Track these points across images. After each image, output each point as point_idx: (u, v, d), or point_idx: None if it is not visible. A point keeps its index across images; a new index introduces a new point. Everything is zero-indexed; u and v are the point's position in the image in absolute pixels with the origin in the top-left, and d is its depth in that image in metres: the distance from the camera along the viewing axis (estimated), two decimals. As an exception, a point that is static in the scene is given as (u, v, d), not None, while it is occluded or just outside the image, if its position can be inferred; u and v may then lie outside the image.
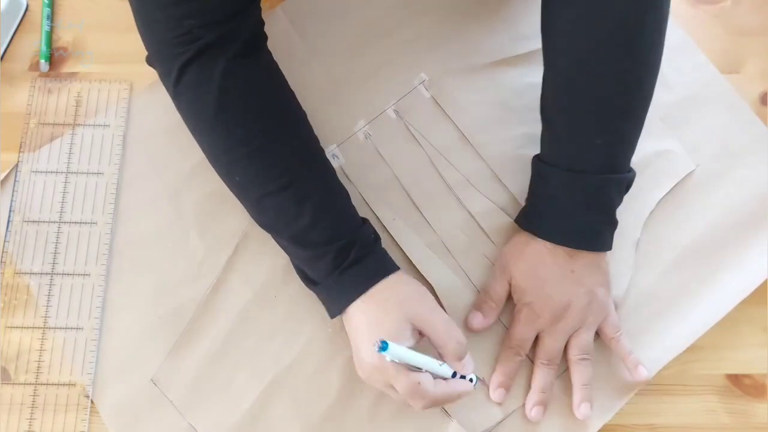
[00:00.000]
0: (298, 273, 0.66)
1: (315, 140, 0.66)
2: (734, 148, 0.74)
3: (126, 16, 0.77)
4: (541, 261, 0.67)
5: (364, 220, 0.65)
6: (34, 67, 0.75)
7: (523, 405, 0.66)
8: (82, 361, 0.67)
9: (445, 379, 0.61)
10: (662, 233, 0.72)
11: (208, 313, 0.68)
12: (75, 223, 0.70)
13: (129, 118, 0.74)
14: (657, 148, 0.73)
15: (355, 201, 0.69)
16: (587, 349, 0.67)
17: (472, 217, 0.71)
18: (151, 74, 0.72)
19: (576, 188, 0.66)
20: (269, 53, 0.68)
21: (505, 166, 0.73)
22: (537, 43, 0.75)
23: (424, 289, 0.64)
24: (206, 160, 0.69)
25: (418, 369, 0.59)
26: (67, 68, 0.75)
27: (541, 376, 0.66)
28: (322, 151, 0.66)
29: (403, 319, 0.61)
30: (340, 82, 0.74)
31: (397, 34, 0.77)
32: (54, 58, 0.76)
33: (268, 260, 0.69)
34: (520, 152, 0.73)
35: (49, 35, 0.76)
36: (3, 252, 0.69)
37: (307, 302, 0.68)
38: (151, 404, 0.66)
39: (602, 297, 0.67)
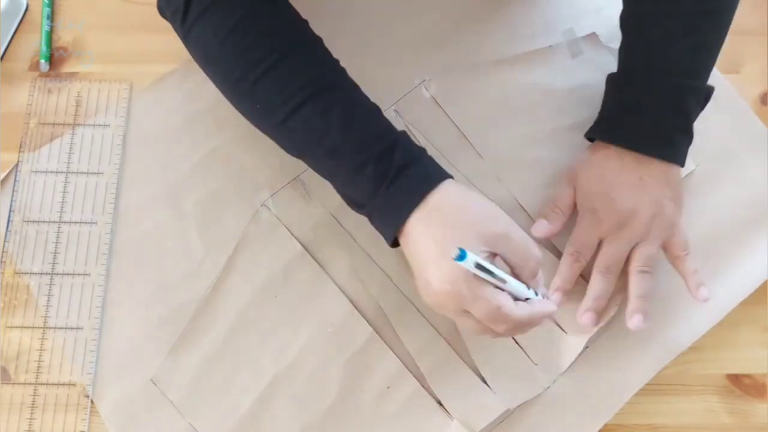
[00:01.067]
0: (347, 202, 0.61)
1: (335, 60, 0.63)
2: (734, 148, 0.74)
3: (126, 16, 0.77)
4: (608, 166, 0.67)
5: (403, 132, 0.61)
6: (34, 67, 0.75)
7: (524, 403, 0.66)
8: (82, 361, 0.67)
9: (524, 300, 0.56)
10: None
11: (208, 313, 0.68)
12: (75, 223, 0.70)
13: (129, 118, 0.74)
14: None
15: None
16: (649, 262, 0.65)
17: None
18: (151, 74, 0.72)
19: (652, 90, 0.66)
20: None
21: (506, 165, 0.73)
22: (537, 43, 0.75)
23: (491, 202, 0.59)
24: (206, 160, 0.69)
25: (496, 288, 0.54)
26: (67, 68, 0.75)
27: (598, 283, 0.66)
28: (344, 70, 0.63)
29: (477, 239, 0.54)
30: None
31: (397, 34, 0.77)
32: (54, 58, 0.76)
33: (268, 260, 0.69)
34: (521, 152, 0.73)
35: (49, 35, 0.76)
36: (3, 252, 0.69)
37: (307, 302, 0.68)
38: (151, 404, 0.66)
39: (670, 212, 0.66)
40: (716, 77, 0.76)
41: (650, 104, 0.66)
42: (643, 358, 0.67)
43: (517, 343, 0.67)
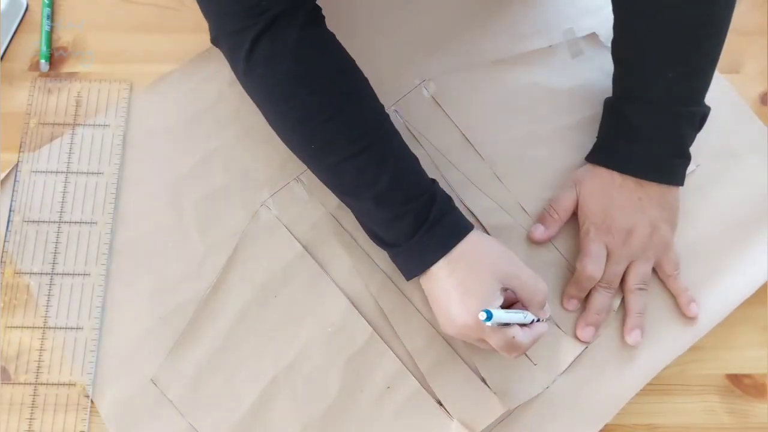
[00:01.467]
0: (371, 237, 0.66)
1: (381, 105, 0.67)
2: (734, 148, 0.74)
3: (126, 16, 0.77)
4: (611, 184, 0.70)
5: (434, 181, 0.66)
6: (34, 67, 0.75)
7: (524, 403, 0.66)
8: (82, 361, 0.67)
9: (526, 325, 0.62)
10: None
11: (208, 313, 0.68)
12: (75, 222, 0.70)
13: (129, 118, 0.74)
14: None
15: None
16: (645, 280, 0.69)
17: (474, 215, 0.71)
18: (151, 74, 0.72)
19: (645, 118, 0.68)
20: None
21: (506, 165, 0.73)
22: (537, 43, 0.75)
23: (504, 247, 0.64)
24: (206, 160, 0.69)
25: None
26: (67, 68, 0.75)
27: (598, 298, 0.68)
28: (387, 115, 0.67)
29: (493, 279, 0.61)
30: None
31: (397, 34, 0.77)
32: (54, 58, 0.76)
33: (268, 260, 0.69)
34: (521, 152, 0.74)
35: (49, 35, 0.76)
36: (3, 252, 0.69)
37: (307, 302, 0.68)
38: (151, 404, 0.66)
39: (664, 232, 0.69)
40: (716, 77, 0.75)
41: (645, 132, 0.69)
42: (643, 359, 0.67)
43: None
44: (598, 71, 0.76)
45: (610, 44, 0.72)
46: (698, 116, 0.69)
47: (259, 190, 0.71)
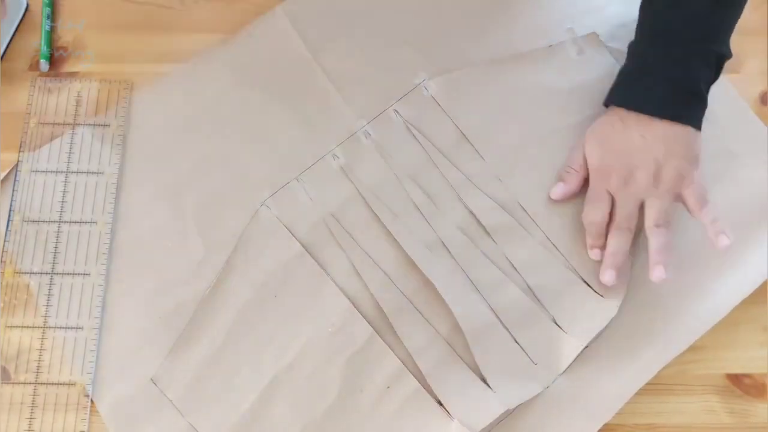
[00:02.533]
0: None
1: None
2: (735, 148, 0.74)
3: (126, 16, 0.77)
4: (611, 127, 0.70)
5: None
6: (34, 66, 0.75)
7: (524, 403, 0.66)
8: (82, 360, 0.67)
9: None
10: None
11: (208, 313, 0.68)
12: (75, 222, 0.70)
13: (129, 118, 0.74)
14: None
15: (355, 200, 0.69)
16: (661, 216, 0.68)
17: (474, 215, 0.71)
18: (151, 74, 0.72)
19: (656, 52, 0.69)
20: None
21: (506, 165, 0.73)
22: (537, 43, 0.75)
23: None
24: (206, 159, 0.70)
25: None
26: (67, 68, 0.75)
27: (613, 240, 0.68)
28: None
29: None
30: (340, 81, 0.74)
31: (397, 34, 0.77)
32: (54, 57, 0.76)
33: (268, 260, 0.69)
34: (521, 152, 0.73)
35: (49, 35, 0.76)
36: (3, 251, 0.69)
37: (307, 302, 0.68)
38: (151, 404, 0.66)
39: (676, 166, 0.68)
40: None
41: (653, 66, 0.69)
42: (643, 358, 0.67)
43: (516, 342, 0.67)
44: (599, 71, 0.76)
45: (610, 44, 0.72)
46: (714, 55, 0.68)
47: (259, 190, 0.71)
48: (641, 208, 0.69)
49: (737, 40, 0.75)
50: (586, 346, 0.67)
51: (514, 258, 0.70)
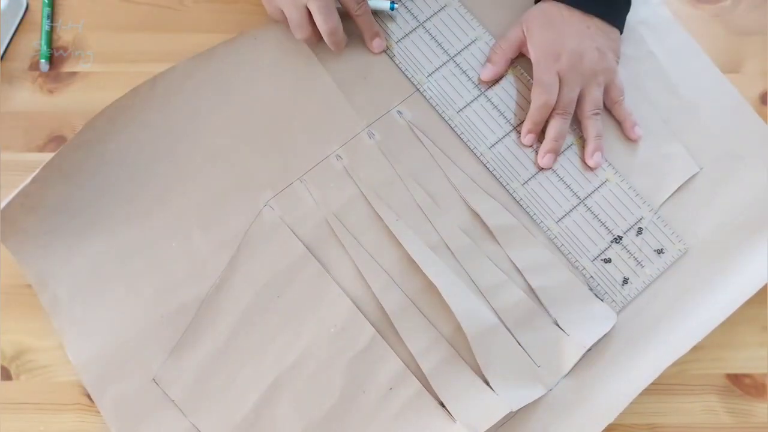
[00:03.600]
0: None
1: None
2: (737, 150, 0.74)
3: (126, 16, 0.77)
4: (557, 13, 0.73)
5: None
6: (34, 66, 0.75)
7: (527, 405, 0.66)
8: (83, 360, 0.66)
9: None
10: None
11: (210, 313, 0.68)
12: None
13: (130, 118, 0.73)
14: (661, 151, 0.73)
15: (358, 201, 0.69)
16: (599, 105, 0.73)
17: (477, 216, 0.71)
18: (151, 74, 0.72)
19: None
20: None
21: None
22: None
23: None
24: (210, 160, 0.70)
25: None
26: (67, 68, 0.75)
27: (555, 124, 0.72)
28: None
29: None
30: (345, 83, 0.74)
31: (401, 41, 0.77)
32: (54, 58, 0.75)
33: (271, 260, 0.69)
34: (520, 150, 0.74)
35: (49, 35, 0.76)
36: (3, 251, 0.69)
37: (309, 302, 0.68)
38: (153, 404, 0.66)
39: (611, 60, 0.73)
40: (720, 79, 0.76)
41: None
42: (645, 360, 0.67)
43: (519, 344, 0.68)
44: None
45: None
46: None
47: (263, 191, 0.71)
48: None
49: (737, 40, 0.76)
50: (589, 349, 0.68)
51: (516, 260, 0.70)
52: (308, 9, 0.70)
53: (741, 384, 0.69)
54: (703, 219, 0.72)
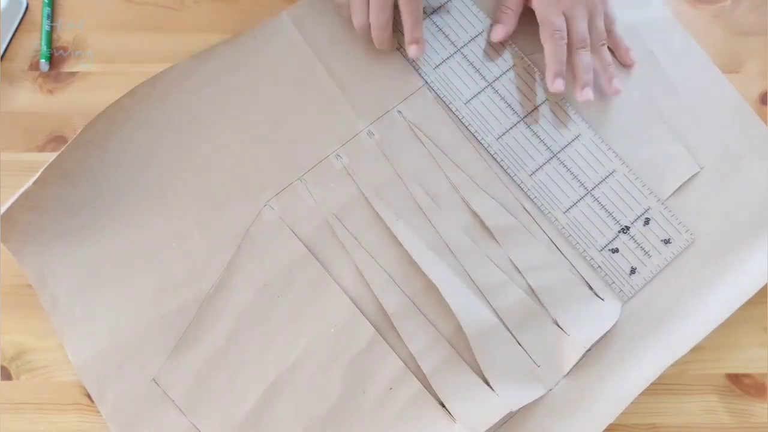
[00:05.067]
0: None
1: None
2: (738, 150, 0.74)
3: (126, 16, 0.77)
4: None
5: None
6: (34, 66, 0.75)
7: (527, 405, 0.66)
8: (83, 360, 0.66)
9: None
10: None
11: (210, 313, 0.68)
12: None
13: (131, 118, 0.73)
14: (661, 151, 0.74)
15: (358, 201, 0.69)
16: (603, 35, 0.74)
17: (477, 217, 0.71)
18: (151, 74, 0.72)
19: None
20: None
21: (507, 165, 0.73)
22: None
23: None
24: (210, 159, 0.70)
25: None
26: (67, 68, 0.75)
27: (580, 58, 0.72)
28: None
29: None
30: (344, 81, 0.74)
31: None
32: (54, 58, 0.75)
33: (271, 260, 0.69)
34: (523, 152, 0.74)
35: (49, 35, 0.76)
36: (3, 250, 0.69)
37: (310, 302, 0.68)
38: (153, 404, 0.66)
39: None
40: (720, 79, 0.76)
41: None
42: (645, 360, 0.67)
43: (519, 344, 0.68)
44: None
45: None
46: None
47: (263, 191, 0.71)
48: None
49: (737, 40, 0.76)
50: (589, 349, 0.68)
51: (516, 260, 0.70)
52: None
53: (741, 384, 0.69)
54: (703, 218, 0.72)
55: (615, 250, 0.71)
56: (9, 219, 0.67)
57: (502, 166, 0.73)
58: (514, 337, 0.68)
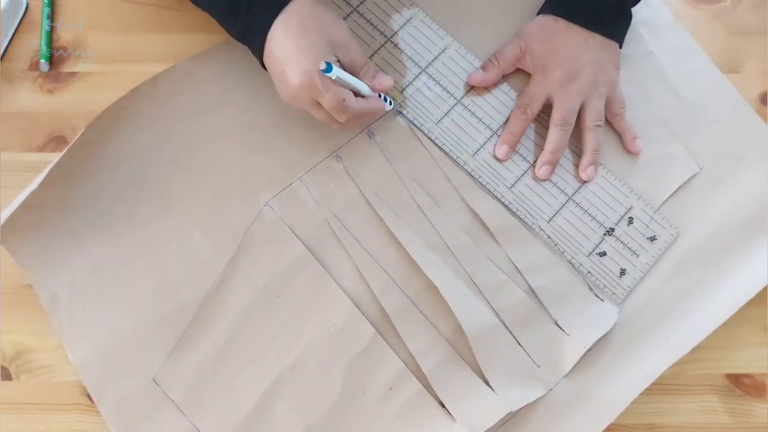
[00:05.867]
0: (232, 34, 0.69)
1: None
2: (738, 150, 0.74)
3: (126, 16, 0.77)
4: (556, 30, 0.73)
5: None
6: (34, 66, 0.75)
7: (526, 405, 0.66)
8: (83, 360, 0.66)
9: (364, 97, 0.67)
10: (666, 236, 0.72)
11: (210, 313, 0.68)
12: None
13: (131, 118, 0.73)
14: (661, 151, 0.74)
15: (358, 201, 0.69)
16: (600, 116, 0.72)
17: (477, 216, 0.71)
18: (151, 74, 0.72)
19: None
20: None
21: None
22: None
23: (336, 16, 0.68)
24: (210, 160, 0.70)
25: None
26: (67, 68, 0.75)
27: (554, 135, 0.71)
28: None
29: (327, 44, 0.65)
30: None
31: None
32: (54, 58, 0.75)
33: (271, 260, 0.69)
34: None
35: (49, 35, 0.76)
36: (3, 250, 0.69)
37: (309, 302, 0.68)
38: (153, 404, 0.66)
39: (612, 73, 0.73)
40: (720, 79, 0.76)
41: None
42: (645, 361, 0.67)
43: (519, 344, 0.68)
44: None
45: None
46: None
47: (263, 191, 0.71)
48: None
49: (737, 40, 0.76)
50: (589, 349, 0.68)
51: (516, 260, 0.70)
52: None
53: (741, 384, 0.69)
54: (703, 219, 0.72)
55: (603, 254, 0.71)
56: (9, 220, 0.67)
57: (480, 183, 0.73)
58: (514, 337, 0.68)
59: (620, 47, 0.74)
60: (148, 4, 0.78)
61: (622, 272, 0.70)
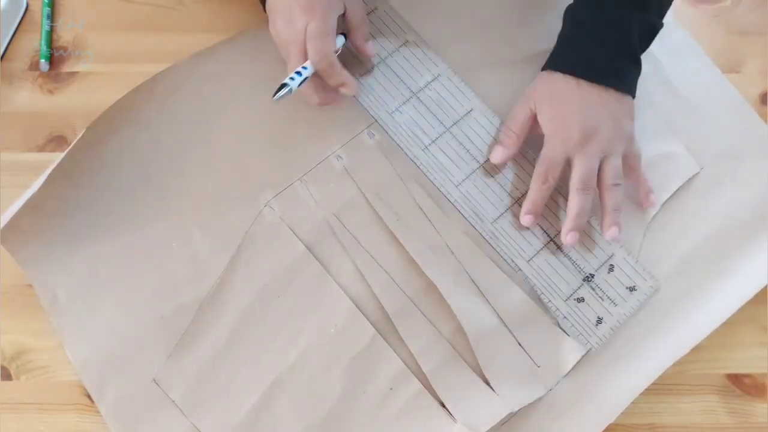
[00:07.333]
0: None
1: None
2: (738, 150, 0.74)
3: (126, 16, 0.77)
4: (566, 88, 0.70)
5: None
6: (34, 66, 0.75)
7: (527, 406, 0.66)
8: (83, 360, 0.66)
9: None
10: (666, 236, 0.72)
11: (210, 313, 0.68)
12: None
13: (131, 119, 0.73)
14: (661, 151, 0.74)
15: (358, 201, 0.69)
16: (619, 174, 0.69)
17: (478, 216, 0.71)
18: (151, 74, 0.72)
19: (598, 22, 0.69)
20: None
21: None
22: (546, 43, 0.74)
23: None
24: (210, 160, 0.70)
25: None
26: (67, 68, 0.75)
27: (577, 200, 0.68)
28: None
29: None
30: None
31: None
32: (54, 58, 0.76)
33: (272, 260, 0.69)
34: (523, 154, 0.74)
35: (49, 35, 0.76)
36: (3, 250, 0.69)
37: (310, 302, 0.68)
38: (153, 404, 0.66)
39: (629, 127, 0.70)
40: (720, 79, 0.76)
41: (597, 34, 0.69)
42: (645, 361, 0.67)
43: (520, 345, 0.68)
44: None
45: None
46: (648, 24, 0.69)
47: (263, 191, 0.71)
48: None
49: (737, 40, 0.76)
50: (589, 349, 0.68)
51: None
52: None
53: (741, 384, 0.69)
54: (703, 219, 0.72)
55: (581, 300, 0.70)
56: (9, 220, 0.67)
57: (463, 215, 0.72)
58: (515, 337, 0.68)
59: (633, 98, 0.71)
60: (148, 4, 0.78)
61: (599, 321, 0.69)
